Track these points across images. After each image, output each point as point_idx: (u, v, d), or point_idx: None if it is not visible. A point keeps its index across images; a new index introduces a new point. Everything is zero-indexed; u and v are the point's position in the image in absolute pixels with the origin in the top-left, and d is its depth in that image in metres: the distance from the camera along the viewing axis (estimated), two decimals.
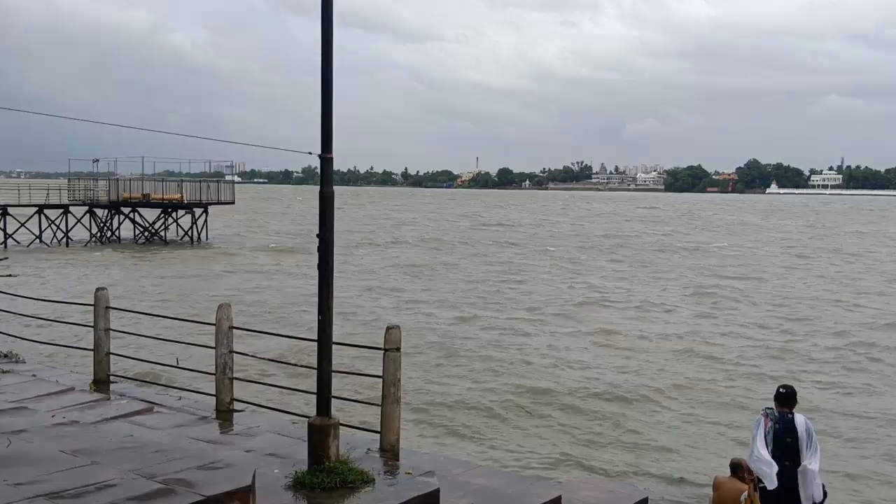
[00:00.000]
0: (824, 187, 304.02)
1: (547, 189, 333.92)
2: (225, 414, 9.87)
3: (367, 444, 8.65)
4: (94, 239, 53.85)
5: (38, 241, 50.47)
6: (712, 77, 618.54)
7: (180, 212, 56.48)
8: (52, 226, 51.94)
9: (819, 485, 8.11)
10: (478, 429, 14.63)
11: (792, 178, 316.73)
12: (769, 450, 8.16)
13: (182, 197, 54.58)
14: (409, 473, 7.67)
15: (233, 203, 58.60)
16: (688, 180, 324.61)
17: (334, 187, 7.44)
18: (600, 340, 22.65)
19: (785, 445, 8.20)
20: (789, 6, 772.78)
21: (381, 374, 8.64)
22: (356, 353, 15.81)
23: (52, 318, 15.72)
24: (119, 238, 54.80)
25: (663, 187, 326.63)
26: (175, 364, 12.24)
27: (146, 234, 55.95)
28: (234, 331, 10.05)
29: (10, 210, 49.77)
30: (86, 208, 53.90)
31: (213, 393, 10.13)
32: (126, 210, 55.13)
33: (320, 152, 7.28)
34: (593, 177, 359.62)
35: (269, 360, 11.25)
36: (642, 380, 18.26)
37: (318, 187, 7.32)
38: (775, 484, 7.93)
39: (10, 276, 16.23)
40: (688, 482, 12.06)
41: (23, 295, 15.03)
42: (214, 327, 9.95)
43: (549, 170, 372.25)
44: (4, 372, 11.47)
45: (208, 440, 8.57)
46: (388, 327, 8.69)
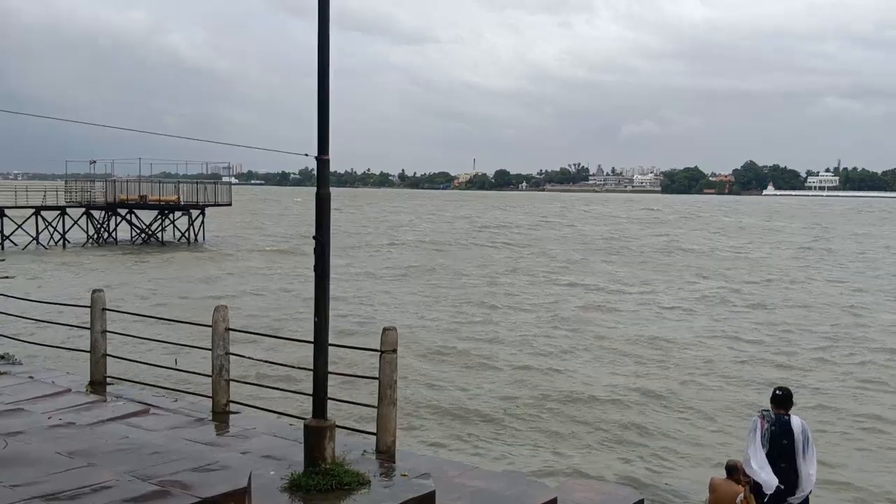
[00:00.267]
0: (821, 189, 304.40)
1: (544, 190, 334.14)
2: (221, 416, 9.87)
3: (363, 446, 8.65)
4: (90, 240, 53.80)
5: (34, 242, 50.41)
6: (708, 78, 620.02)
7: (177, 213, 56.48)
8: (49, 227, 51.89)
9: (811, 482, 8.17)
10: (474, 431, 14.63)
11: (788, 179, 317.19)
12: (765, 451, 8.18)
13: (179, 198, 54.56)
14: (404, 475, 7.67)
15: (230, 205, 58.58)
16: (684, 182, 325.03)
17: (331, 189, 7.45)
18: (599, 344, 22.64)
19: (781, 447, 8.22)
20: (787, 7, 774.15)
21: (377, 375, 8.64)
22: (353, 355, 15.85)
23: (48, 320, 15.70)
24: (116, 240, 54.76)
25: (660, 189, 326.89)
26: (172, 365, 12.24)
27: (143, 235, 55.92)
28: (231, 333, 10.05)
29: (7, 212, 49.74)
30: (82, 210, 53.87)
31: (210, 395, 10.13)
32: (123, 212, 55.10)
33: (317, 154, 7.28)
34: (590, 178, 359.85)
35: (266, 361, 11.24)
36: (640, 382, 18.29)
37: (315, 189, 7.33)
38: (772, 484, 7.96)
39: (7, 277, 16.24)
40: (684, 484, 12.08)
41: (19, 296, 15.02)
42: (211, 329, 9.95)
43: (546, 171, 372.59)
44: (1, 373, 11.47)
45: (204, 442, 8.57)
46: (385, 329, 8.69)
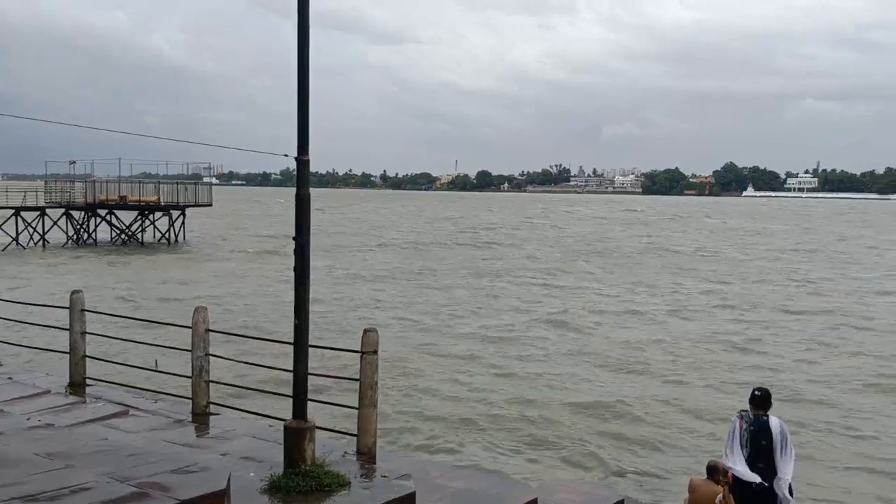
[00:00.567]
0: (800, 190, 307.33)
1: (526, 192, 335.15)
2: (201, 417, 9.84)
3: (343, 447, 8.66)
4: (70, 241, 53.41)
5: (14, 243, 49.97)
6: (689, 80, 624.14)
7: (157, 214, 56.17)
8: (29, 228, 51.46)
9: (789, 485, 8.24)
10: (456, 432, 14.64)
11: (768, 181, 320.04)
12: (744, 452, 8.25)
13: (159, 199, 54.29)
14: (385, 476, 7.68)
15: (210, 205, 58.31)
16: (665, 183, 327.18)
17: (313, 190, 7.45)
18: (583, 347, 22.70)
19: (760, 448, 8.30)
20: (767, 9, 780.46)
21: (358, 377, 8.64)
22: (334, 357, 15.83)
23: (27, 321, 15.56)
24: (96, 240, 54.36)
25: (641, 190, 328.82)
26: (153, 367, 12.17)
27: (123, 236, 55.57)
28: (211, 334, 10.02)
29: None
30: (62, 210, 53.48)
31: (190, 396, 10.10)
32: (102, 212, 54.73)
33: (297, 154, 7.28)
34: (572, 179, 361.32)
35: (246, 363, 11.21)
36: (623, 384, 18.38)
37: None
38: (752, 478, 8.05)
39: None
40: (664, 484, 12.15)
41: None
42: (191, 330, 9.92)
43: (528, 172, 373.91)
44: None
45: (184, 443, 8.54)
46: (366, 330, 8.70)
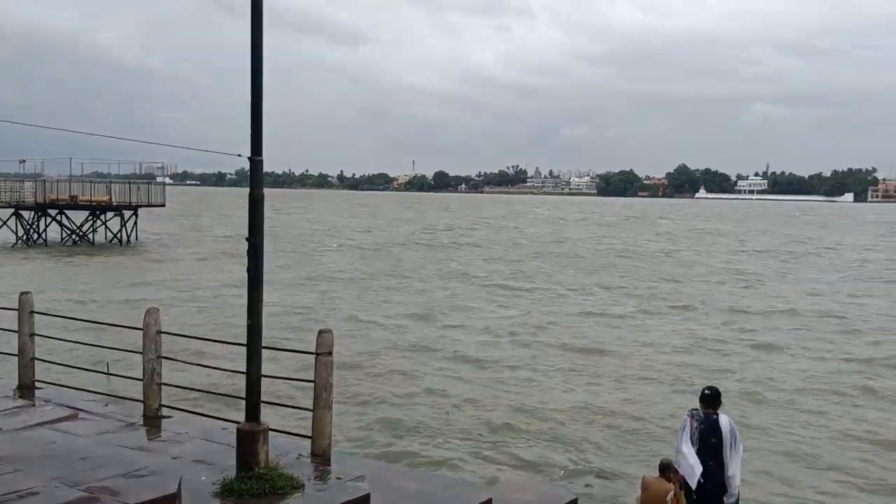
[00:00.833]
0: (750, 192, 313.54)
1: (483, 192, 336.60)
2: (153, 420, 9.72)
3: (298, 449, 8.61)
4: (19, 242, 52.32)
5: None
6: (644, 83, 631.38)
7: (109, 214, 55.27)
8: None
9: (737, 483, 8.42)
10: (411, 433, 14.64)
11: (719, 183, 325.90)
12: (695, 449, 8.41)
13: (111, 199, 53.41)
14: (339, 478, 7.67)
15: (163, 205, 57.53)
16: (620, 185, 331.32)
17: (269, 190, 7.41)
18: (543, 349, 22.83)
19: (710, 446, 8.47)
20: (719, 16, 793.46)
21: (313, 378, 8.61)
22: (289, 359, 15.74)
23: None
24: (46, 241, 53.33)
25: (596, 191, 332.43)
26: (104, 370, 12.00)
27: (74, 236, 54.56)
28: (163, 336, 9.90)
29: None
30: (11, 210, 52.33)
31: (141, 399, 9.97)
32: (53, 212, 53.68)
33: (250, 155, 7.23)
34: (528, 181, 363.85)
35: (199, 365, 11.10)
36: (578, 385, 18.54)
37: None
38: (695, 481, 8.19)
39: None
40: (618, 483, 12.30)
41: None
42: (142, 332, 9.79)
43: (485, 173, 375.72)
44: None
45: (135, 447, 8.44)
46: (321, 331, 8.67)
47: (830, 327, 26.66)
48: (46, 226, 53.80)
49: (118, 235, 54.59)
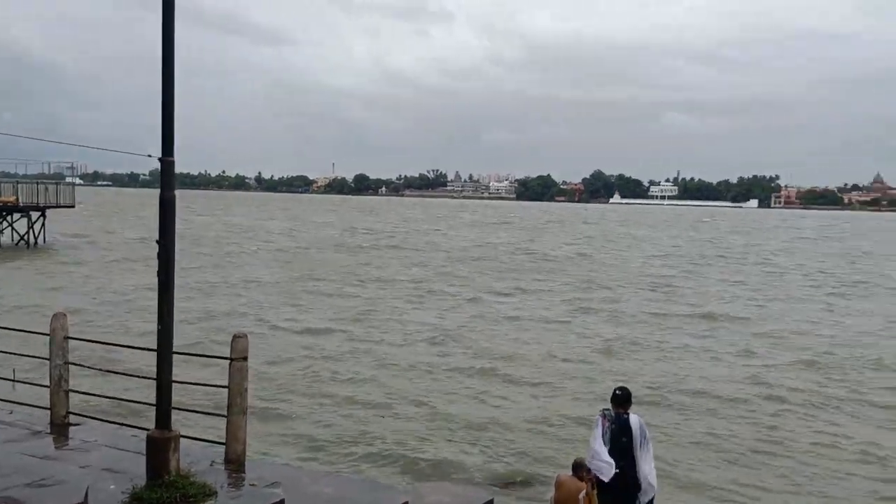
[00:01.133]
0: (662, 198, 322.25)
1: (403, 196, 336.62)
2: (60, 428, 9.42)
3: (211, 456, 8.47)
4: None
5: None
6: (561, 89, 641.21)
7: (15, 215, 53.19)
8: None
9: (652, 482, 8.64)
10: (328, 439, 14.57)
11: (633, 188, 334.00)
12: (607, 449, 8.59)
13: (17, 199, 51.43)
14: (253, 485, 7.58)
15: (72, 206, 55.74)
16: (538, 189, 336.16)
17: (185, 191, 7.29)
18: (458, 354, 22.97)
19: (621, 445, 8.67)
20: (635, 24, 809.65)
21: (226, 384, 8.48)
22: (205, 365, 15.43)
23: None
24: None
25: (515, 196, 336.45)
26: (9, 376, 11.54)
27: None
28: (70, 341, 9.61)
29: None
30: None
31: (48, 406, 9.65)
32: None
33: (161, 155, 7.09)
34: (448, 184, 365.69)
35: (109, 371, 10.80)
36: (496, 385, 18.71)
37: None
38: (611, 475, 8.37)
39: None
40: (534, 482, 12.48)
41: None
42: (49, 338, 9.49)
43: (406, 177, 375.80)
44: None
45: (41, 456, 8.18)
46: (235, 336, 8.55)
47: (739, 329, 27.62)
48: None
49: (25, 237, 52.63)
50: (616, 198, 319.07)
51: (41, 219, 53.47)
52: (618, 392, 8.97)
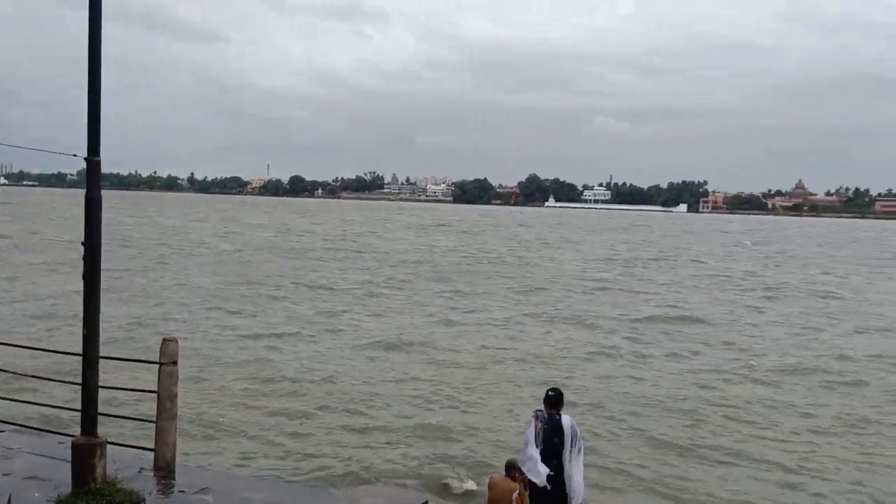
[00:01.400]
0: (595, 202, 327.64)
1: (340, 198, 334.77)
2: None
3: (140, 463, 8.31)
4: None
5: None
6: (497, 94, 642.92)
7: None
8: None
9: (581, 483, 8.75)
10: (260, 444, 14.42)
11: (567, 192, 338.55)
12: (540, 450, 8.68)
13: None
14: (182, 492, 7.47)
15: None
16: (474, 192, 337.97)
17: (114, 192, 7.14)
18: (396, 357, 22.94)
19: (553, 445, 8.76)
20: (571, 31, 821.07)
21: (156, 389, 8.32)
22: (135, 370, 15.10)
23: None
24: None
25: (451, 199, 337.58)
26: None
27: None
28: None
29: None
30: None
31: None
32: None
33: (87, 155, 6.93)
34: (385, 187, 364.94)
35: (31, 376, 10.48)
36: (432, 388, 18.75)
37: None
38: (542, 480, 8.45)
39: None
40: (468, 483, 12.56)
41: None
42: None
43: (342, 179, 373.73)
44: None
45: None
46: (165, 340, 8.41)
47: (676, 329, 28.22)
48: None
49: None
50: (551, 201, 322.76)
51: None
52: (550, 393, 9.06)
